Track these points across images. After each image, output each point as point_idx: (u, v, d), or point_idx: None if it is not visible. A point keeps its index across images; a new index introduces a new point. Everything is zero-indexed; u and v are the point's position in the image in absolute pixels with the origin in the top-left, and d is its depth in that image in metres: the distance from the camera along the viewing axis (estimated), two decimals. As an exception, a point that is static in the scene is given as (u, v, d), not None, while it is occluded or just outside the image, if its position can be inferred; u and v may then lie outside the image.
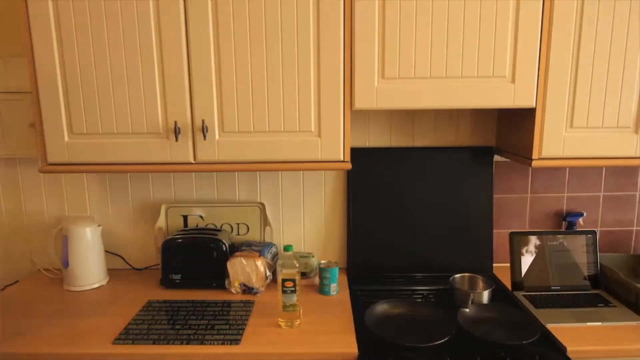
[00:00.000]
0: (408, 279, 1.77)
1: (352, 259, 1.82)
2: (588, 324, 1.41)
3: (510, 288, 1.64)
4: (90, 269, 1.70)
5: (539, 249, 1.64)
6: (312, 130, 1.45)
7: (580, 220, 1.88)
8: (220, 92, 1.43)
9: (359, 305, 1.52)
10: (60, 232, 1.73)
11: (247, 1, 1.37)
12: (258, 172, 1.84)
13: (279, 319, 1.41)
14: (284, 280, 1.38)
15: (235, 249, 1.74)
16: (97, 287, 1.71)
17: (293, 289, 1.39)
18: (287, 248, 1.42)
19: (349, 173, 1.81)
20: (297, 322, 1.41)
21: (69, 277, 1.69)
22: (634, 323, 1.41)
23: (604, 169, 1.86)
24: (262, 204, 1.83)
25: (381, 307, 1.47)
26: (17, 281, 1.79)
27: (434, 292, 1.66)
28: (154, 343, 1.32)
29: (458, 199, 1.80)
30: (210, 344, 1.31)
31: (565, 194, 1.87)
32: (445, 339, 1.28)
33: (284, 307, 1.40)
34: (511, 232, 1.64)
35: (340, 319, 1.45)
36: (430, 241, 1.81)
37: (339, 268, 1.82)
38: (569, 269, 1.64)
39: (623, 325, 1.40)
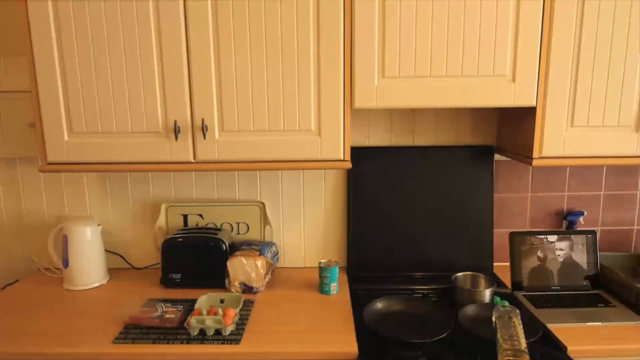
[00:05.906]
0: (408, 278, 1.77)
1: (353, 258, 1.82)
2: (588, 324, 1.41)
3: (510, 287, 1.64)
4: (90, 268, 1.70)
5: (539, 249, 1.64)
6: (312, 129, 1.44)
7: (581, 219, 1.87)
8: (220, 91, 1.42)
9: (359, 304, 1.52)
10: (60, 231, 1.73)
11: (247, 0, 1.37)
12: (258, 172, 1.84)
13: None
14: None
15: (235, 248, 1.74)
16: (97, 287, 1.71)
17: None
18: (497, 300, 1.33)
19: (349, 172, 1.81)
20: None
21: (69, 277, 1.69)
22: (634, 323, 1.41)
23: (605, 168, 1.85)
24: (262, 203, 1.83)
25: (380, 304, 1.47)
26: (17, 281, 1.79)
27: (434, 291, 1.66)
28: (153, 343, 1.32)
29: (458, 198, 1.79)
30: (210, 343, 1.31)
31: (566, 193, 1.87)
32: (444, 335, 1.28)
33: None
34: (511, 232, 1.64)
35: (341, 318, 1.45)
36: (431, 240, 1.81)
37: (339, 267, 1.82)
38: (569, 268, 1.63)
39: (623, 325, 1.40)
